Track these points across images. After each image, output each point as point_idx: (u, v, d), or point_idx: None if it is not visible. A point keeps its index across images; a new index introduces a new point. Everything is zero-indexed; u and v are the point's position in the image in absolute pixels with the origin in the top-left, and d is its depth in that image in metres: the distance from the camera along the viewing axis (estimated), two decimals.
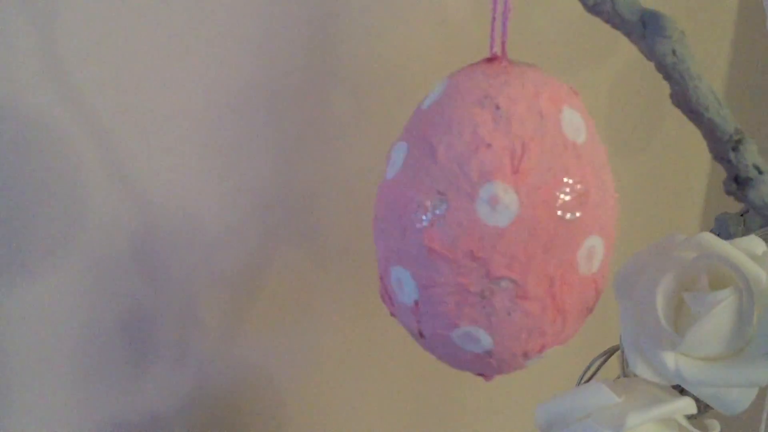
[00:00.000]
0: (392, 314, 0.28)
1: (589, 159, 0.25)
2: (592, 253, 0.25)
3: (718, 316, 0.32)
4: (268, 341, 0.56)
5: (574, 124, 0.25)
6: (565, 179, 0.25)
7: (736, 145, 0.27)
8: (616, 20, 0.27)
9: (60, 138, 0.45)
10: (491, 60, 0.27)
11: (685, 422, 0.35)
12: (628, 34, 0.28)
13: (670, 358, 0.34)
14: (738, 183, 0.28)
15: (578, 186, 0.25)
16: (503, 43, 0.26)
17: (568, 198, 0.24)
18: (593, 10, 0.27)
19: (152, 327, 0.50)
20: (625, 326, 0.35)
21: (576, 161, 0.25)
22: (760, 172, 0.28)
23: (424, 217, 0.25)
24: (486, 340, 0.25)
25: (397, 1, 0.56)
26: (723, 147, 0.27)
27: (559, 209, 0.24)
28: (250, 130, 0.50)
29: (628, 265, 0.36)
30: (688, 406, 0.34)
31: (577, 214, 0.25)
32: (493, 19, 0.26)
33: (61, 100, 0.44)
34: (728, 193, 0.28)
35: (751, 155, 0.28)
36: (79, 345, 0.48)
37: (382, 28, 0.55)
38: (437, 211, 0.25)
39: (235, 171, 0.50)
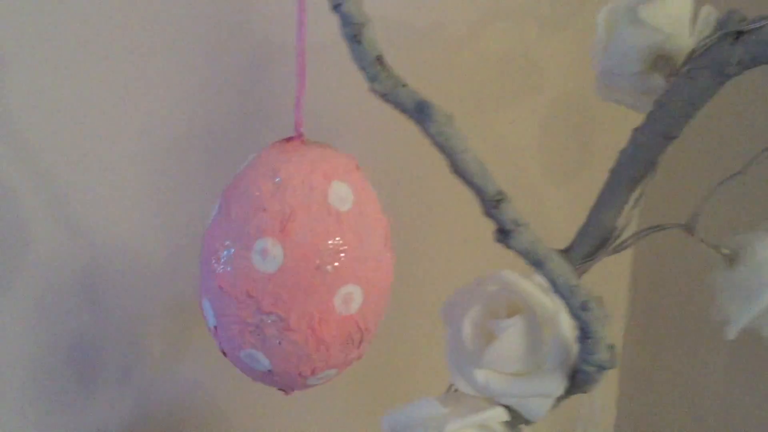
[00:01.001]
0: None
1: (351, 224, 0.32)
2: (349, 299, 0.32)
3: (509, 339, 0.39)
4: (211, 362, 0.59)
5: (340, 195, 0.32)
6: (325, 239, 0.32)
7: (497, 204, 0.34)
8: (400, 107, 0.34)
9: (0, 177, 0.48)
10: (290, 139, 0.34)
11: (500, 428, 0.42)
12: (410, 118, 0.35)
13: (480, 375, 0.40)
14: (503, 233, 0.35)
15: (336, 245, 0.32)
16: (297, 125, 0.33)
17: (326, 254, 0.32)
18: (385, 98, 0.34)
19: (98, 352, 0.54)
20: (448, 348, 0.42)
21: (337, 225, 0.32)
22: (518, 225, 0.34)
23: (217, 262, 0.32)
24: (265, 362, 0.32)
25: (331, 48, 0.62)
26: (488, 205, 0.34)
27: (317, 262, 0.31)
28: (189, 169, 0.56)
29: (452, 296, 0.42)
30: (499, 414, 0.41)
31: (335, 266, 0.32)
32: (297, 100, 0.34)
33: (2, 141, 0.47)
34: (497, 241, 0.35)
35: (509, 212, 0.34)
36: (29, 372, 0.51)
37: (316, 75, 0.62)
38: (225, 258, 0.32)
39: (176, 207, 0.54)
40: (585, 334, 0.37)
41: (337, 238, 0.31)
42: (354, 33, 0.34)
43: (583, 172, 0.73)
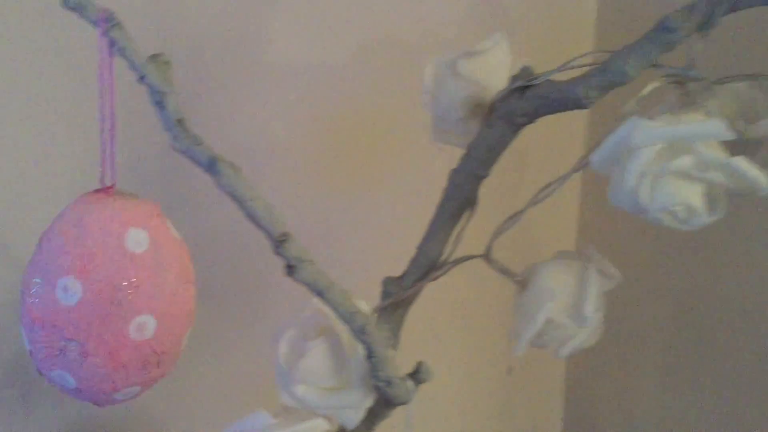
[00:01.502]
0: None
1: (146, 264, 0.39)
2: (143, 327, 0.38)
3: (314, 357, 0.45)
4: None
5: (136, 240, 0.39)
6: (120, 277, 0.38)
7: (281, 243, 0.40)
8: (196, 162, 0.41)
9: None
10: (97, 191, 0.40)
11: None
12: (205, 171, 0.41)
13: (299, 389, 0.46)
14: (290, 268, 0.41)
15: (130, 282, 0.38)
16: (103, 179, 0.40)
17: (120, 289, 0.38)
18: (184, 154, 0.40)
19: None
20: (275, 366, 0.48)
21: (132, 265, 0.38)
22: (301, 261, 0.40)
23: (29, 295, 0.39)
24: (71, 381, 0.39)
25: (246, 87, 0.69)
26: (275, 244, 0.40)
27: (112, 296, 0.38)
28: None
29: (282, 322, 0.49)
30: (319, 424, 0.47)
31: (128, 299, 0.38)
32: (103, 154, 0.40)
33: None
34: (287, 275, 0.41)
35: (293, 250, 0.40)
36: None
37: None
38: (35, 291, 0.39)
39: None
40: (369, 354, 0.42)
41: (132, 277, 0.38)
42: (158, 100, 0.40)
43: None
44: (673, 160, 0.37)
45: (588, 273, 0.44)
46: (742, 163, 0.37)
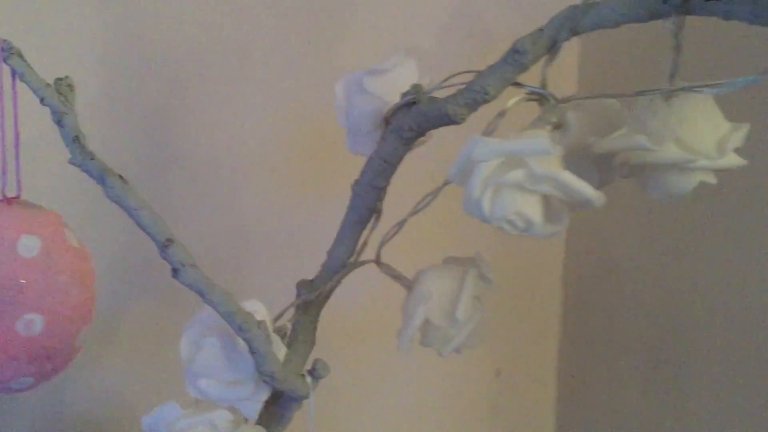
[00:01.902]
0: None
1: (36, 267, 0.44)
2: (31, 324, 0.43)
3: (208, 353, 0.49)
4: (128, 369, 0.66)
5: (28, 246, 0.44)
6: (9, 278, 0.43)
7: (165, 248, 0.44)
8: (90, 175, 0.45)
9: None
10: (2, 200, 0.46)
11: (226, 426, 0.52)
12: (98, 183, 0.45)
13: (202, 383, 0.50)
14: (174, 271, 0.45)
15: (19, 283, 0.43)
16: (2, 191, 0.45)
17: (8, 290, 0.43)
18: (81, 168, 0.45)
19: None
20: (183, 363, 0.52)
21: (22, 268, 0.43)
22: (183, 265, 0.45)
23: None
24: None
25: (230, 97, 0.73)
26: (161, 249, 0.45)
27: (1, 295, 0.43)
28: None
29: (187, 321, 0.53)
30: (222, 414, 0.51)
31: (17, 298, 0.43)
32: (4, 167, 0.45)
33: None
34: (173, 277, 0.45)
35: (177, 254, 0.44)
36: None
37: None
38: None
39: (97, 237, 0.60)
40: (251, 350, 0.46)
41: (20, 278, 0.43)
42: (57, 119, 0.45)
43: None
44: (507, 174, 0.40)
45: (467, 277, 0.47)
46: (567, 177, 0.39)
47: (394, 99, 0.51)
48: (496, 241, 0.97)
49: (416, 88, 0.49)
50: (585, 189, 0.39)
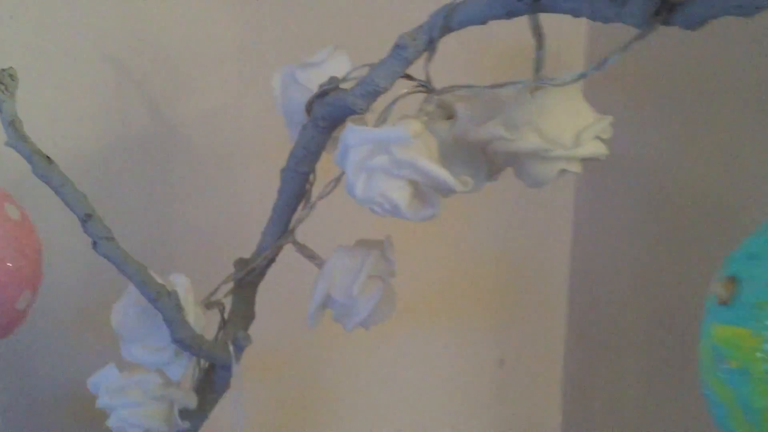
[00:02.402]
0: None
1: None
2: None
3: (134, 321, 0.54)
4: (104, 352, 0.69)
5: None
6: None
7: (85, 222, 0.49)
8: (23, 156, 0.51)
9: None
10: None
11: (156, 388, 0.56)
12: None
13: (134, 348, 0.55)
14: (94, 243, 0.50)
15: None
16: None
17: None
18: (15, 149, 0.51)
19: None
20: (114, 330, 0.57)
21: None
22: (100, 238, 0.50)
23: None
24: None
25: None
26: (81, 222, 0.50)
27: None
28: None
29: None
30: (152, 378, 0.55)
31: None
32: None
33: None
34: (93, 248, 0.50)
35: (96, 228, 0.49)
36: None
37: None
38: None
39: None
40: (164, 318, 0.51)
41: None
42: None
43: None
44: (372, 159, 0.43)
45: (367, 257, 0.50)
46: (425, 163, 0.42)
47: None
48: (504, 232, 1.00)
49: (331, 80, 0.52)
50: (442, 175, 0.42)
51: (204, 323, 0.53)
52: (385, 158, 0.43)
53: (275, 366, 0.87)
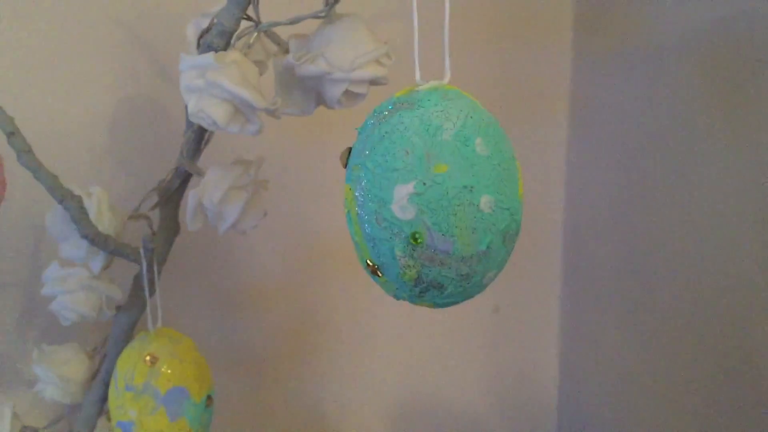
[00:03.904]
0: None
1: None
2: None
3: (57, 223, 0.67)
4: None
5: None
6: None
7: (9, 137, 0.62)
8: None
9: None
10: None
11: (81, 281, 0.69)
12: None
13: (64, 246, 0.68)
14: (18, 154, 0.63)
15: None
16: None
17: None
18: None
19: None
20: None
21: None
22: (22, 151, 0.63)
23: None
24: None
25: None
26: (6, 136, 0.63)
27: None
28: None
29: None
30: (79, 272, 0.68)
31: None
32: None
33: None
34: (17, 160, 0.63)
35: (16, 143, 0.62)
36: None
37: None
38: None
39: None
40: (71, 218, 0.63)
41: None
42: None
43: None
44: (194, 81, 0.53)
45: (231, 171, 0.60)
46: (227, 83, 0.52)
47: None
48: None
49: (211, 22, 0.61)
50: (244, 93, 0.52)
51: (119, 228, 0.64)
52: (202, 81, 0.53)
53: (278, 299, 0.95)
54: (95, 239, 0.61)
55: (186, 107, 0.60)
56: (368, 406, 1.00)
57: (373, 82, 0.50)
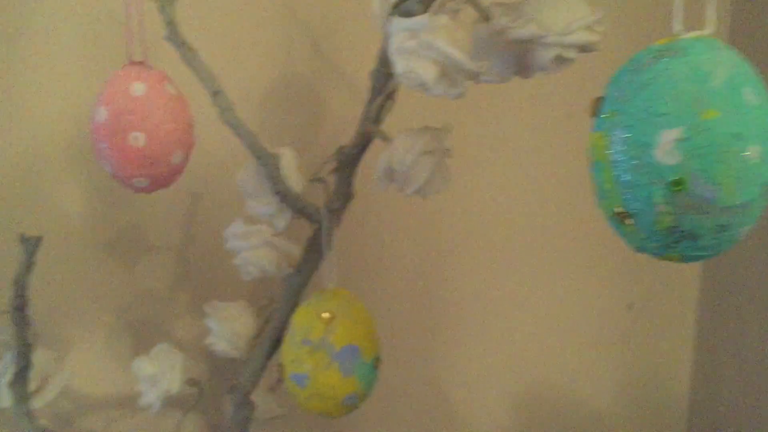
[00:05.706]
0: None
1: (140, 102, 0.61)
2: (137, 139, 0.61)
3: (248, 179, 0.68)
4: None
5: (137, 89, 0.62)
6: (123, 108, 0.62)
7: (214, 96, 0.65)
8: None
9: None
10: (133, 63, 0.67)
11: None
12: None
13: (249, 201, 0.70)
14: (220, 111, 0.65)
15: (129, 111, 0.63)
16: (131, 56, 0.67)
17: (123, 115, 0.62)
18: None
19: None
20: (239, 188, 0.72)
21: (131, 102, 0.62)
22: (223, 110, 0.64)
23: None
24: (108, 168, 0.64)
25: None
26: (210, 95, 0.65)
27: (119, 118, 0.62)
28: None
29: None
30: (262, 230, 0.70)
31: (127, 120, 0.63)
32: (129, 37, 0.68)
33: None
34: (219, 117, 0.65)
35: (223, 101, 0.64)
36: None
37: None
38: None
39: None
40: (266, 175, 0.65)
41: (131, 108, 0.62)
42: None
43: None
44: (405, 43, 0.54)
45: (423, 136, 0.61)
46: (441, 44, 0.53)
47: None
48: None
49: None
50: (457, 54, 0.52)
51: (302, 188, 0.65)
52: (414, 42, 0.53)
53: (410, 288, 0.95)
54: (286, 196, 0.63)
55: (372, 74, 0.61)
56: (496, 390, 0.97)
57: (585, 48, 0.50)
